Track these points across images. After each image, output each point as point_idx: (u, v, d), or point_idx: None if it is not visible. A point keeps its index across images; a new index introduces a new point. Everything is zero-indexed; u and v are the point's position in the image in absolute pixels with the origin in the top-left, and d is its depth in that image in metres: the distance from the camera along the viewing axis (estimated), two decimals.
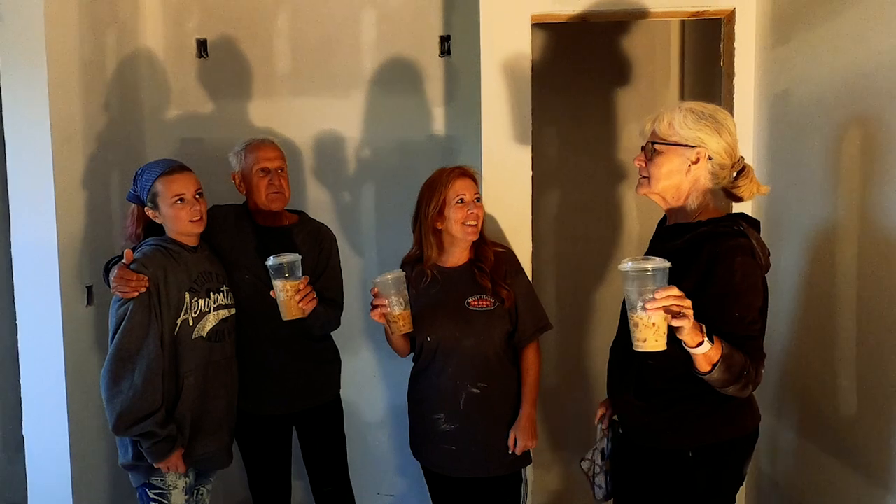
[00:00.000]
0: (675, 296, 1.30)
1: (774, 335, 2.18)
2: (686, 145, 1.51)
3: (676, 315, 1.31)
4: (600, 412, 1.84)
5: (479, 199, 1.99)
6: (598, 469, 1.81)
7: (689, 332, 1.32)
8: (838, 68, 1.80)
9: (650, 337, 1.34)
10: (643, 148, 1.58)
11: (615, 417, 1.80)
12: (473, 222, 1.96)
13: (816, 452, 1.93)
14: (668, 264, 1.34)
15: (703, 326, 1.35)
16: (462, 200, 1.96)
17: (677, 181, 1.54)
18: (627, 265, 1.35)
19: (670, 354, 1.36)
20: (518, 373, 2.01)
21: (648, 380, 1.57)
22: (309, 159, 2.88)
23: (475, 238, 1.99)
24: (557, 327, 2.18)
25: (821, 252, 1.89)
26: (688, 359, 1.38)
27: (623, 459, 1.73)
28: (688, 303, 1.32)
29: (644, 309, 1.32)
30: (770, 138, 2.20)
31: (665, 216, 1.68)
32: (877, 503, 1.65)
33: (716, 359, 1.37)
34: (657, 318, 1.32)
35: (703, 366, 1.38)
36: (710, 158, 1.51)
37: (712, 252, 1.45)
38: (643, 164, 1.57)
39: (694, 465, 1.53)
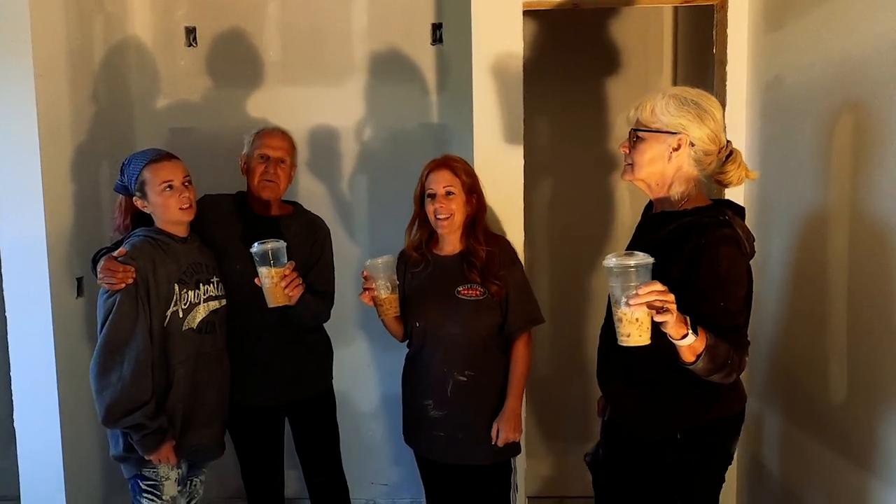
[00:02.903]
0: (657, 291, 1.31)
1: (765, 323, 2.18)
2: (668, 132, 1.50)
3: (660, 310, 1.31)
4: (601, 405, 1.86)
5: (450, 194, 1.93)
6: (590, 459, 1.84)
7: (672, 326, 1.34)
8: (830, 54, 1.80)
9: (634, 332, 1.35)
10: (629, 135, 1.58)
11: None
12: (442, 216, 1.93)
13: (808, 440, 1.94)
14: (651, 260, 1.34)
15: (688, 319, 1.36)
16: (430, 194, 1.95)
17: (660, 168, 1.53)
18: (612, 261, 1.35)
19: (656, 344, 1.37)
20: (509, 363, 2.01)
21: (635, 368, 1.58)
22: (301, 148, 2.83)
23: (447, 232, 1.97)
24: (551, 316, 2.17)
25: (812, 238, 1.89)
26: (673, 349, 1.39)
27: (611, 446, 1.75)
28: (671, 297, 1.32)
29: (627, 305, 1.33)
30: (762, 125, 2.19)
31: (650, 203, 1.69)
32: (866, 489, 1.66)
33: (700, 349, 1.38)
34: (640, 313, 1.33)
35: (687, 356, 1.39)
36: (692, 145, 1.50)
37: (697, 243, 1.45)
38: (627, 151, 1.57)
39: (682, 448, 1.55)
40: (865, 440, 1.66)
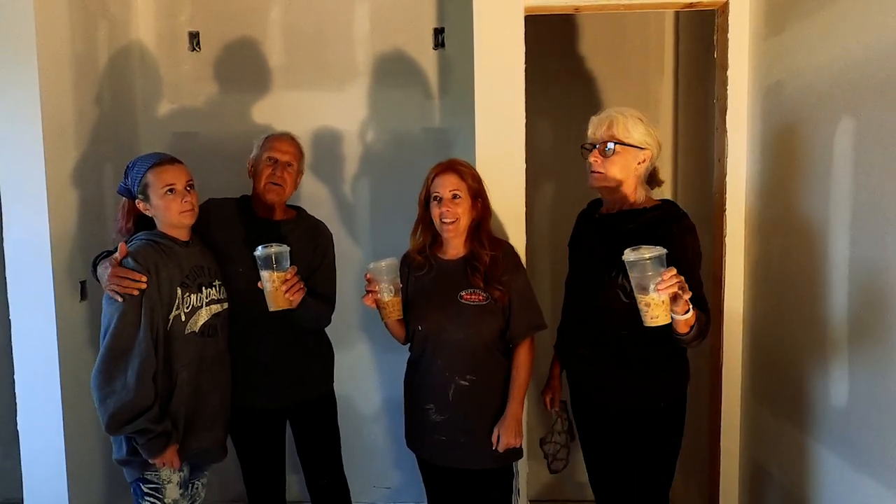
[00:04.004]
0: (676, 275, 1.56)
1: (765, 326, 2.19)
2: (638, 147, 1.83)
3: (681, 290, 1.56)
4: (548, 397, 2.17)
5: (456, 197, 1.92)
6: (559, 446, 2.17)
7: (684, 304, 1.59)
8: (831, 59, 1.80)
9: (661, 314, 1.58)
10: (594, 146, 1.87)
11: (564, 399, 2.17)
12: (448, 220, 1.93)
13: (809, 442, 1.94)
14: (664, 251, 1.56)
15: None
16: (437, 198, 1.95)
17: (625, 176, 1.85)
18: (631, 256, 1.58)
19: (639, 327, 1.62)
20: (511, 368, 2.01)
21: (627, 350, 1.83)
22: (304, 152, 2.87)
23: (452, 236, 1.97)
24: (553, 319, 2.18)
25: (813, 243, 1.89)
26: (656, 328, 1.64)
27: (593, 427, 2.00)
28: (683, 279, 1.57)
29: (657, 290, 1.55)
30: (763, 130, 2.20)
31: (596, 203, 2.04)
32: (869, 492, 1.66)
33: (693, 322, 1.65)
34: (665, 296, 1.56)
35: (683, 329, 1.66)
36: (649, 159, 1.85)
37: (667, 233, 1.75)
38: (599, 160, 1.86)
39: (665, 415, 1.86)
40: (867, 442, 1.66)
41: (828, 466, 1.85)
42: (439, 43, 2.82)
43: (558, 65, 3.03)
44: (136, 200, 1.94)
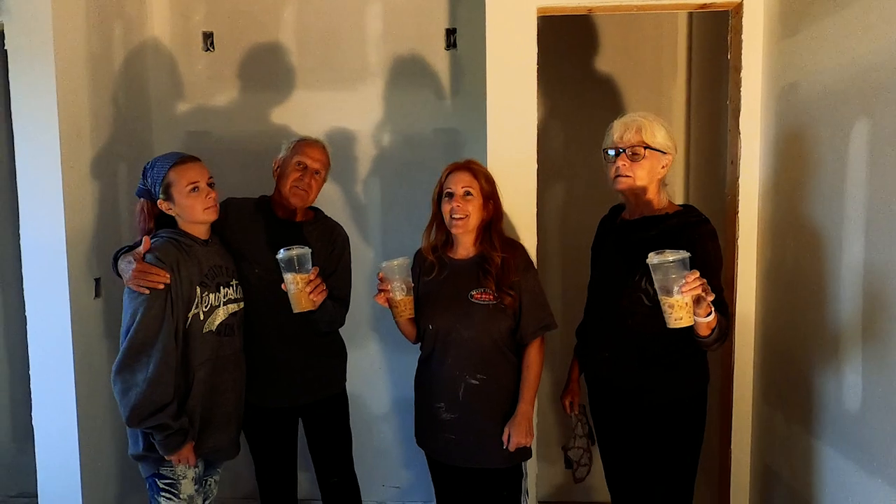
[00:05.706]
0: (700, 278, 1.59)
1: (777, 329, 2.18)
2: (662, 151, 1.87)
3: (704, 293, 1.59)
4: (568, 401, 2.19)
5: (468, 194, 1.95)
6: (582, 451, 2.19)
7: (706, 306, 1.62)
8: (846, 61, 1.79)
9: (685, 315, 1.61)
10: (622, 150, 1.87)
11: (583, 403, 2.19)
12: (458, 216, 1.95)
13: (821, 446, 1.93)
14: (687, 254, 1.60)
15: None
16: (448, 194, 1.97)
17: (650, 179, 1.88)
18: (655, 259, 1.61)
19: (664, 329, 1.65)
20: (521, 367, 2.01)
21: (654, 352, 1.86)
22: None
23: (461, 232, 1.98)
24: (564, 320, 2.18)
25: (826, 246, 1.88)
26: (682, 330, 1.67)
27: (612, 427, 2.02)
28: (705, 281, 1.60)
29: (681, 293, 1.58)
30: (777, 132, 2.19)
31: (617, 209, 2.07)
32: (880, 496, 1.65)
33: (714, 324, 1.68)
34: (689, 298, 1.60)
35: (704, 331, 1.69)
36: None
37: (689, 238, 1.77)
38: (627, 164, 1.87)
39: (684, 410, 1.90)
40: (879, 446, 1.66)
41: (839, 471, 1.84)
42: (451, 43, 2.83)
43: (570, 65, 3.03)
44: (158, 201, 1.94)
